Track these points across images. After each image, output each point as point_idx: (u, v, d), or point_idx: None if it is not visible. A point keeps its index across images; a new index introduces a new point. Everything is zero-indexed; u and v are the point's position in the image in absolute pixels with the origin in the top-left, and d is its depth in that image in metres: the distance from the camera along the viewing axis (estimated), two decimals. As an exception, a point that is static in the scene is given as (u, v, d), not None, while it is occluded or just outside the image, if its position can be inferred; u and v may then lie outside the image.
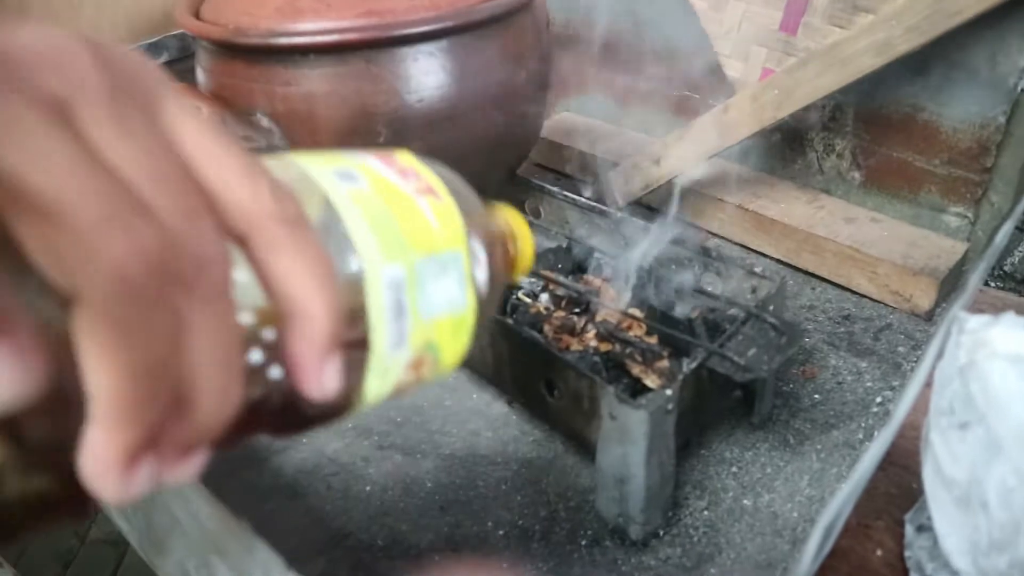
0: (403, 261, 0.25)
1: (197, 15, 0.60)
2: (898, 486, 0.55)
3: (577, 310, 0.61)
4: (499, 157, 0.65)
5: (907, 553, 0.48)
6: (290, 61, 0.55)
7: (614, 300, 0.61)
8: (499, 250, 0.32)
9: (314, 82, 0.55)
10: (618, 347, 0.56)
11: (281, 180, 0.21)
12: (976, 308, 0.70)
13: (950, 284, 0.72)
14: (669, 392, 0.49)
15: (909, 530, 0.50)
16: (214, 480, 0.62)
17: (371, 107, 0.56)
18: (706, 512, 0.56)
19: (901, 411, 0.42)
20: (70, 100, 0.17)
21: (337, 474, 0.62)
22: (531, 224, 0.72)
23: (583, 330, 0.59)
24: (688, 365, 0.51)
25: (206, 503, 0.42)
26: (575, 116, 0.98)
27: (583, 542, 0.55)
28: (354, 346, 0.24)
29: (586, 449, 0.56)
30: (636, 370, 0.54)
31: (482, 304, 0.29)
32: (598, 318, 0.59)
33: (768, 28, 0.74)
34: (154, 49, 0.74)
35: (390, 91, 0.56)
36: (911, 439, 0.55)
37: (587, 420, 0.53)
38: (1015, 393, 0.39)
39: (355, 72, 0.55)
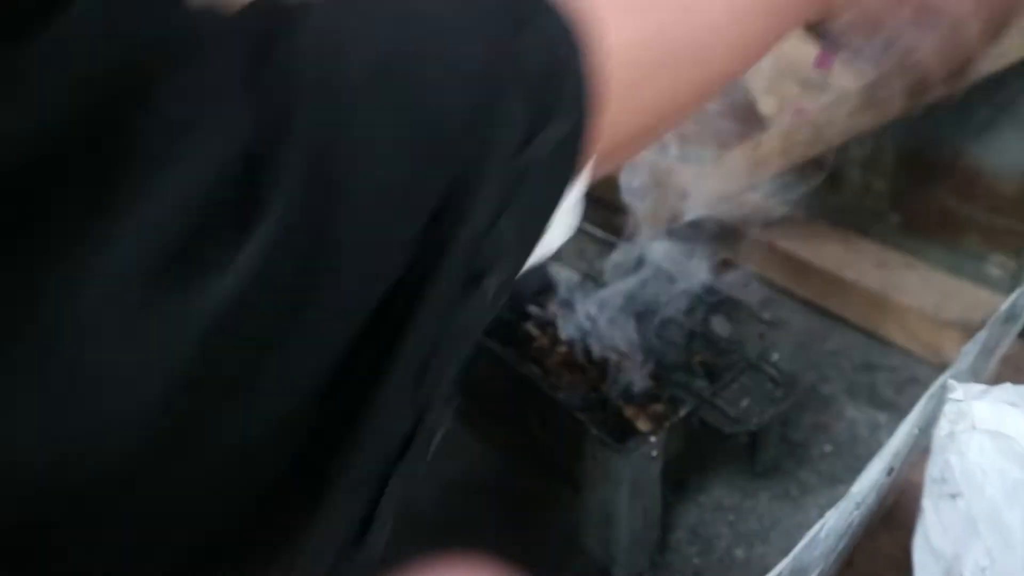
0: None
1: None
2: (902, 549, 0.53)
3: (581, 346, 0.61)
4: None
5: (894, 622, 0.46)
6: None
7: (617, 338, 0.60)
8: None
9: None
10: (615, 387, 0.56)
11: None
12: (1017, 369, 0.67)
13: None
14: (654, 439, 0.49)
15: (904, 597, 0.48)
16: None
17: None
18: (696, 560, 0.56)
19: (883, 459, 0.41)
20: None
21: (338, 490, 0.63)
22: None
23: (583, 367, 0.59)
24: (678, 413, 0.51)
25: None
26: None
27: (568, 579, 0.55)
28: None
29: (576, 486, 0.56)
30: (629, 412, 0.54)
31: None
32: (599, 356, 0.59)
33: (803, 65, 0.73)
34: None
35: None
36: (917, 500, 0.53)
37: (575, 459, 0.53)
38: (990, 470, 0.37)
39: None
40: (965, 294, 0.71)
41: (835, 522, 0.36)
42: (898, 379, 0.69)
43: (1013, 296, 0.49)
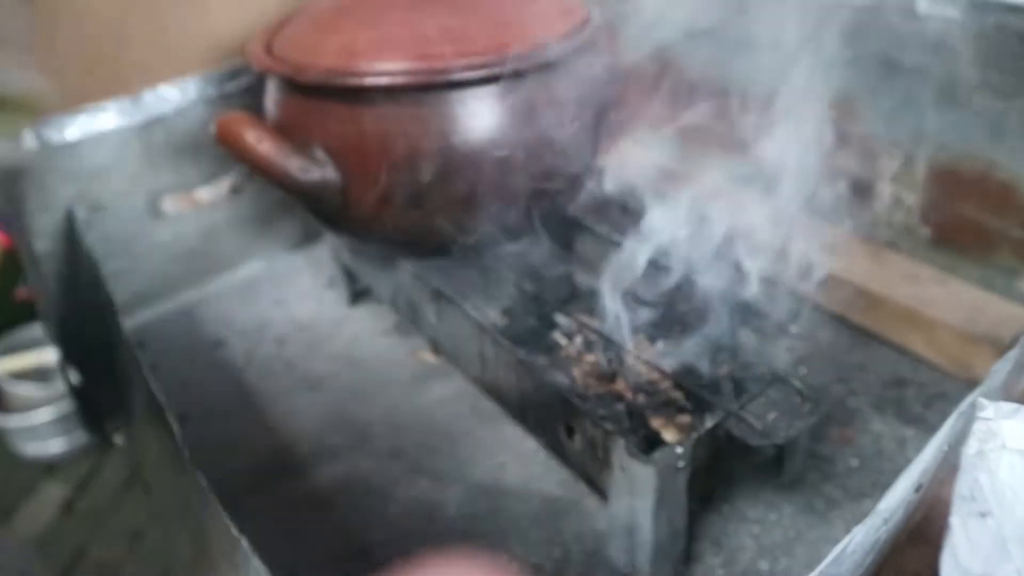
0: None
1: (269, 49, 0.64)
2: (929, 566, 0.53)
3: (608, 355, 0.61)
4: (545, 198, 0.66)
5: (918, 639, 0.46)
6: (345, 100, 0.58)
7: (645, 348, 0.61)
8: None
9: (366, 120, 0.58)
10: (642, 398, 0.57)
11: None
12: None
13: (1015, 354, 0.68)
14: (680, 450, 0.49)
15: (930, 614, 0.48)
16: (251, 485, 0.66)
17: (418, 146, 0.58)
18: (720, 571, 0.56)
19: (911, 476, 0.41)
20: None
21: (367, 493, 0.64)
22: (576, 263, 0.72)
23: (611, 377, 0.59)
24: (705, 425, 0.51)
25: (216, 512, 0.44)
26: (645, 151, 0.97)
27: (592, 587, 0.56)
28: None
29: (602, 494, 0.56)
30: (656, 423, 0.54)
31: None
32: (627, 366, 0.59)
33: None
34: (234, 74, 0.79)
35: (437, 132, 0.58)
36: (945, 516, 0.53)
37: (601, 468, 0.54)
38: (1021, 489, 0.37)
39: (405, 112, 0.58)
40: (996, 309, 0.70)
41: (862, 537, 0.36)
42: (926, 394, 0.68)
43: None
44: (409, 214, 0.62)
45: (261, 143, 0.59)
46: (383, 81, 0.57)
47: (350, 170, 0.60)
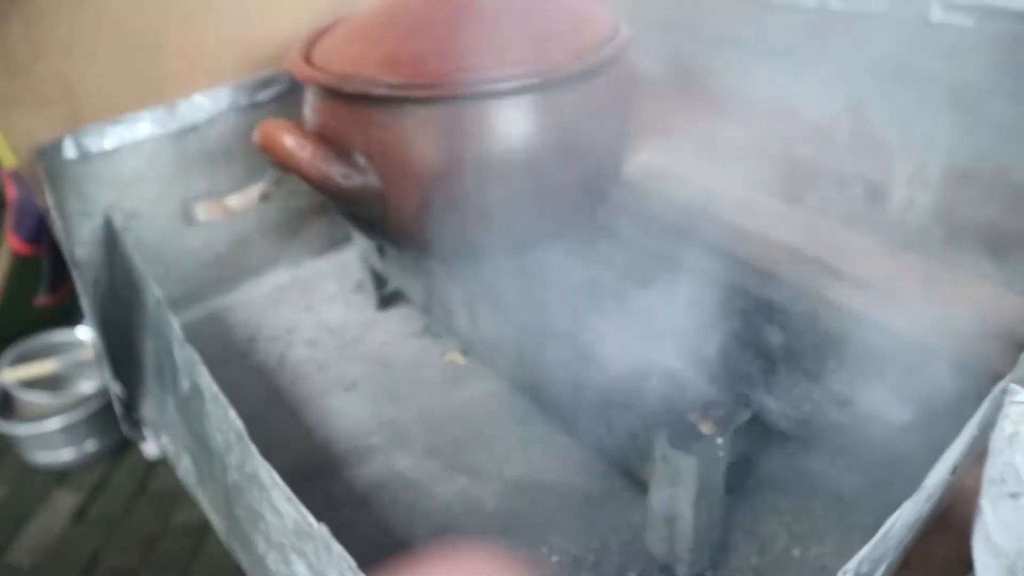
0: None
1: (309, 59, 0.66)
2: (957, 552, 0.55)
3: (642, 353, 0.63)
4: (576, 203, 0.68)
5: (953, 621, 0.48)
6: (386, 108, 0.60)
7: (677, 345, 0.63)
8: None
9: (407, 128, 0.60)
10: (678, 392, 0.59)
11: None
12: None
13: (1029, 350, 0.71)
14: (720, 440, 0.51)
15: (960, 597, 0.50)
16: (292, 484, 0.67)
17: (457, 153, 0.60)
18: (754, 559, 0.58)
19: (950, 456, 0.43)
20: None
21: (405, 490, 0.66)
22: (604, 265, 0.74)
23: (646, 374, 0.61)
24: (741, 416, 0.53)
25: (285, 501, 0.46)
26: (664, 158, 1.00)
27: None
28: None
29: (641, 486, 0.58)
30: (692, 416, 0.56)
31: None
32: (660, 361, 0.62)
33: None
34: (265, 83, 0.82)
35: (475, 140, 0.60)
36: (973, 504, 0.55)
37: (642, 460, 0.56)
38: (1058, 471, 0.40)
39: (445, 121, 0.60)
40: (1012, 306, 0.73)
41: (908, 514, 0.39)
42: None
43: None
44: (447, 220, 0.64)
45: (303, 149, 0.61)
46: (424, 91, 0.59)
47: (390, 177, 0.62)
